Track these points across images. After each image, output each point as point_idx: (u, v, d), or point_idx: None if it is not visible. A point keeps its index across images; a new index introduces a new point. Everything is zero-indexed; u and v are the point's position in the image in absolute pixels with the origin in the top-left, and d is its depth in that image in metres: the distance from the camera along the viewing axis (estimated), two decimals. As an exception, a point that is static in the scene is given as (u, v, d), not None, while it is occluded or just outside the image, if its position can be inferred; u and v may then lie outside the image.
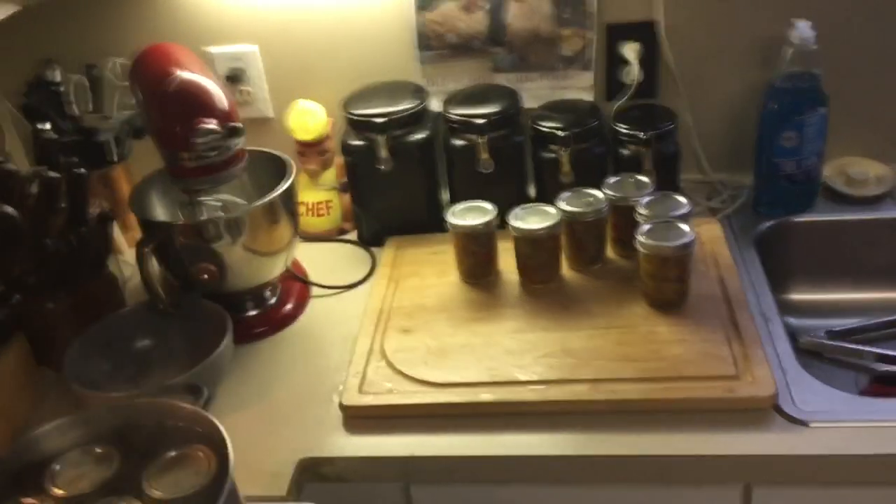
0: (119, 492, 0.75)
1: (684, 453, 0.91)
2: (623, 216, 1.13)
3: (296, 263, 1.26)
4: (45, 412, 1.06)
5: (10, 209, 0.99)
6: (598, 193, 1.14)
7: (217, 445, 0.76)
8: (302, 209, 1.32)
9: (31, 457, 0.78)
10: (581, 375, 0.98)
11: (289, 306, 1.20)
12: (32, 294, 1.03)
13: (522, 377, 0.99)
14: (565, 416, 0.95)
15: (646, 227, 1.06)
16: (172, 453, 0.78)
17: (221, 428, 0.76)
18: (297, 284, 1.24)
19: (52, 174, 1.04)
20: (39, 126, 1.27)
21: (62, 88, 1.33)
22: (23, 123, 1.34)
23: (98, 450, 0.79)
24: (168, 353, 1.10)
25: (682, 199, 1.11)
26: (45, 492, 0.76)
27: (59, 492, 0.75)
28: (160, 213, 1.19)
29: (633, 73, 1.28)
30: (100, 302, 1.11)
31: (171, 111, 1.05)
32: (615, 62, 1.30)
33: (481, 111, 1.22)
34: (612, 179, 1.16)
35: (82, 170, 1.09)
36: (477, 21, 1.29)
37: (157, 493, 0.74)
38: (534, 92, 1.32)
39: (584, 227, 1.13)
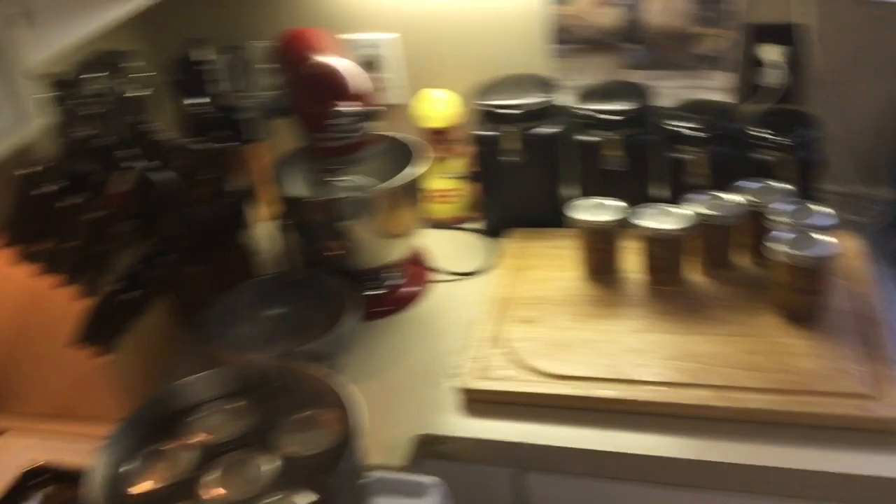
0: (252, 444, 0.79)
1: (809, 468, 0.88)
2: (758, 222, 1.10)
3: (420, 247, 1.28)
4: (183, 367, 1.12)
5: (164, 175, 1.05)
6: (733, 197, 1.12)
7: (344, 411, 0.79)
8: (428, 196, 1.34)
9: (173, 405, 0.83)
10: (705, 381, 0.96)
11: (411, 288, 1.23)
12: (179, 257, 1.09)
13: (643, 377, 0.98)
14: (685, 419, 0.94)
15: (783, 235, 1.03)
16: (302, 414, 0.81)
17: (350, 394, 0.79)
18: (420, 268, 1.26)
19: (202, 147, 1.09)
20: (189, 101, 1.33)
21: (210, 67, 1.40)
22: (173, 99, 1.41)
23: (234, 404, 0.83)
24: (296, 322, 1.14)
25: (821, 208, 1.07)
26: (184, 438, 0.80)
27: (197, 439, 0.80)
28: (296, 189, 1.23)
29: (775, 76, 1.24)
30: (236, 269, 1.17)
31: (311, 93, 1.09)
32: (754, 64, 1.26)
33: (613, 107, 1.21)
34: (748, 184, 1.13)
35: (227, 144, 1.15)
36: (613, 17, 1.28)
37: (287, 449, 0.77)
38: (668, 91, 1.30)
39: (716, 230, 1.11)
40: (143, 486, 0.76)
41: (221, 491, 0.74)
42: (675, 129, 1.19)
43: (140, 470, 0.77)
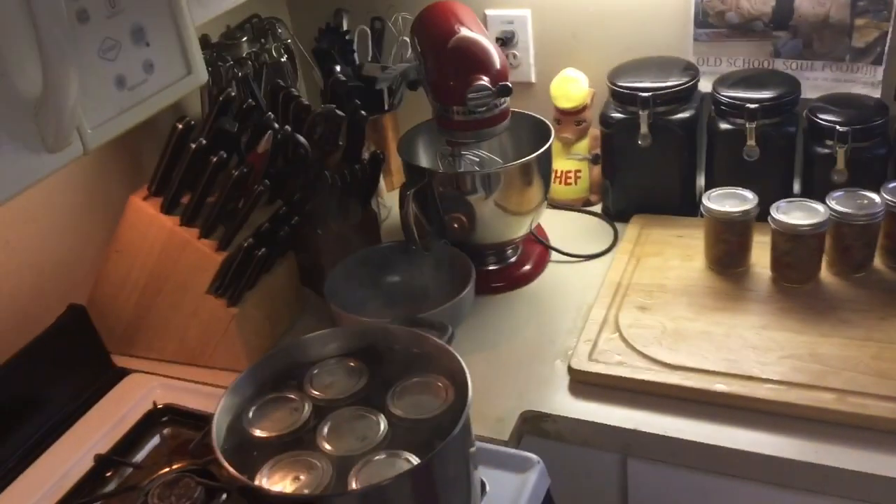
0: (365, 403, 0.82)
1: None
2: (901, 225, 1.04)
3: (539, 227, 1.29)
4: (302, 326, 1.17)
5: (302, 139, 1.09)
6: (875, 197, 1.06)
7: (456, 379, 0.81)
8: (553, 176, 1.34)
9: (294, 359, 0.87)
10: (828, 383, 0.93)
11: (528, 267, 1.24)
12: (306, 219, 1.14)
13: (762, 374, 0.95)
14: (804, 421, 0.91)
15: (928, 239, 0.97)
16: (415, 378, 0.83)
17: (463, 364, 0.80)
18: (538, 247, 1.26)
19: (340, 113, 1.13)
20: (329, 69, 1.38)
21: (351, 37, 1.44)
22: (314, 66, 1.47)
23: (351, 363, 0.87)
24: (413, 290, 1.17)
25: (975, 215, 1.00)
26: (303, 390, 0.84)
27: (315, 393, 0.84)
28: (423, 161, 1.26)
29: (935, 72, 1.16)
30: (361, 235, 1.21)
31: (449, 66, 1.10)
32: (912, 59, 1.19)
33: (754, 95, 1.17)
34: (892, 184, 1.07)
35: (364, 113, 1.18)
36: (762, 2, 1.23)
37: (398, 412, 0.80)
38: (814, 82, 1.24)
39: (853, 230, 1.06)
40: (261, 434, 0.80)
41: (329, 446, 0.77)
42: (820, 122, 1.14)
43: (258, 418, 0.82)
